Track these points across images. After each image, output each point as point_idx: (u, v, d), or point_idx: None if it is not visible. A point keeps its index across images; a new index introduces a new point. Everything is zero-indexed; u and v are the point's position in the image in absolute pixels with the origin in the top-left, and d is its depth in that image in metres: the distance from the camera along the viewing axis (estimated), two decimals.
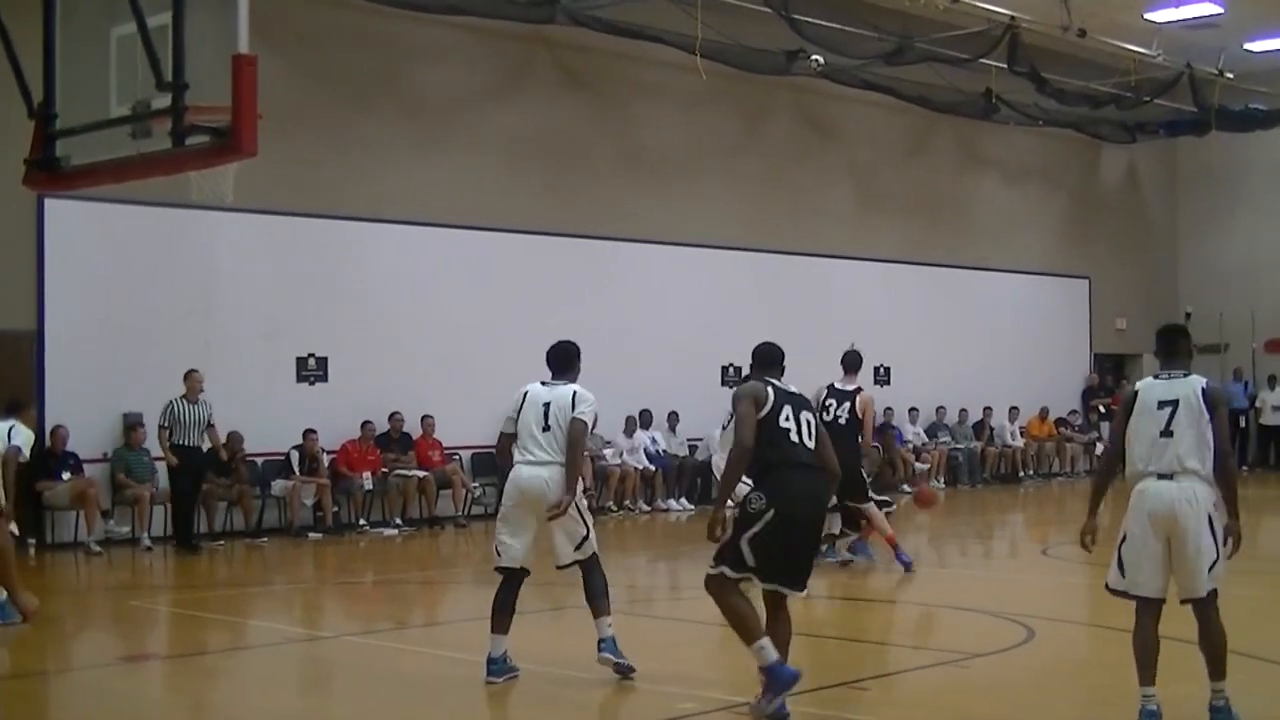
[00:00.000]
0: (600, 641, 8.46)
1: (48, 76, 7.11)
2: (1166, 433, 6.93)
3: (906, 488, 24.22)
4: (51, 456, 16.14)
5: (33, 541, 15.70)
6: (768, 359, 7.86)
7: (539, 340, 7.95)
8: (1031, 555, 16.97)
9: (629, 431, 21.12)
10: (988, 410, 26.50)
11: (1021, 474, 26.65)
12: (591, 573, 8.51)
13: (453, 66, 20.11)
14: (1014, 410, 26.79)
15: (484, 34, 19.94)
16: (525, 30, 20.01)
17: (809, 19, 20.43)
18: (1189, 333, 7.55)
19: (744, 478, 7.48)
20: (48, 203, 16.13)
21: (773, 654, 7.25)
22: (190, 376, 16.50)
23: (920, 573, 13.54)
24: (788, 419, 7.32)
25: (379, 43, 19.26)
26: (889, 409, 24.78)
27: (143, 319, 16.99)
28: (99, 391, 16.64)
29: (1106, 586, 7.19)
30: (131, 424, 16.71)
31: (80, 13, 7.27)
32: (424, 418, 19.03)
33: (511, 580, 8.48)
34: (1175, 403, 6.94)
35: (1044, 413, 27.47)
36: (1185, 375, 7.11)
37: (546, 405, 8.39)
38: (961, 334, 26.32)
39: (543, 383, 8.57)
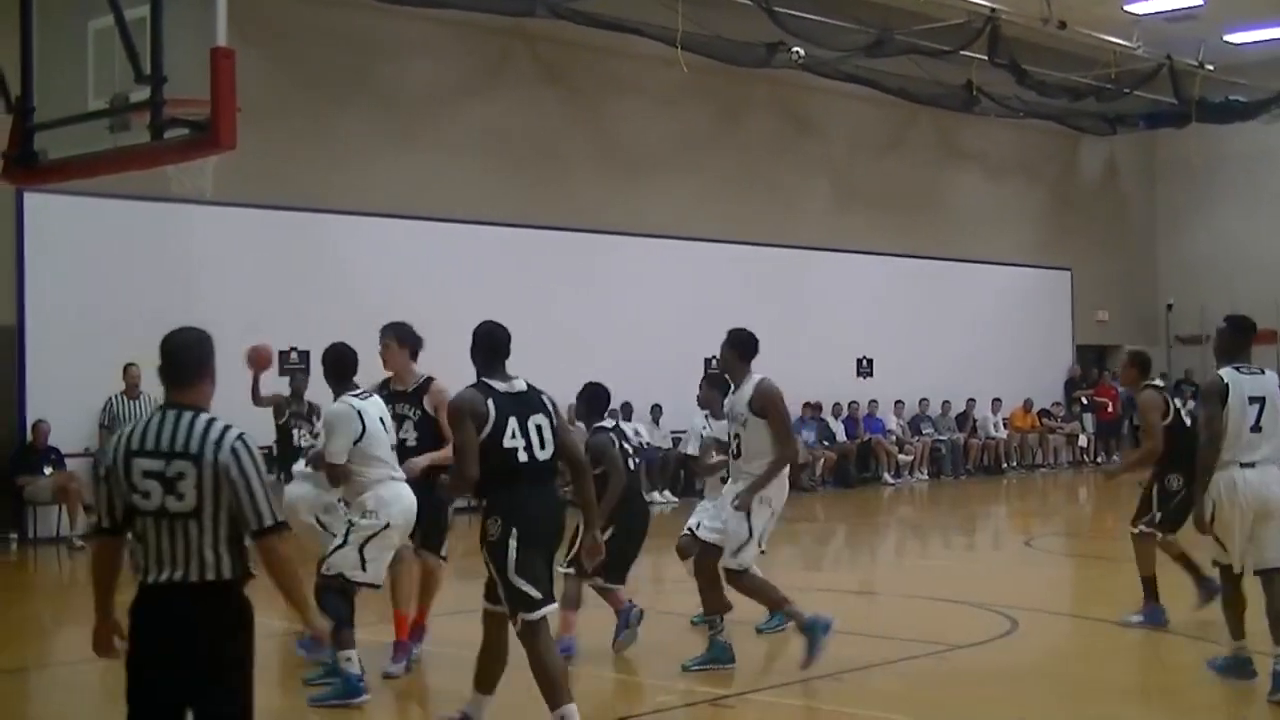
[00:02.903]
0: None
1: (25, 70, 7.07)
2: (1256, 428, 7.40)
3: (889, 478, 24.33)
4: (33, 451, 16.09)
5: (14, 536, 15.66)
6: (491, 346, 6.80)
7: (519, 333, 7.83)
8: (1015, 547, 17.00)
9: None
10: (971, 402, 26.52)
11: (1005, 466, 26.69)
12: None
13: (430, 61, 20.07)
14: (997, 402, 26.82)
15: (462, 28, 19.91)
16: (503, 24, 19.99)
17: (789, 11, 20.42)
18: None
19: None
20: (27, 196, 16.06)
21: None
22: (128, 371, 16.13)
23: (903, 564, 13.56)
24: (514, 435, 6.35)
25: (357, 37, 19.21)
26: (873, 401, 24.83)
27: (123, 313, 16.88)
28: (80, 386, 16.54)
29: (1214, 562, 7.74)
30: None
31: (58, 6, 7.23)
32: None
33: None
34: (1262, 400, 7.43)
35: (1028, 404, 27.51)
36: (1262, 371, 7.60)
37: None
38: (944, 326, 26.34)
39: None
